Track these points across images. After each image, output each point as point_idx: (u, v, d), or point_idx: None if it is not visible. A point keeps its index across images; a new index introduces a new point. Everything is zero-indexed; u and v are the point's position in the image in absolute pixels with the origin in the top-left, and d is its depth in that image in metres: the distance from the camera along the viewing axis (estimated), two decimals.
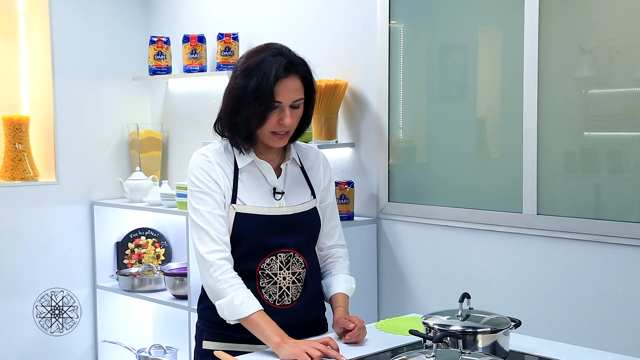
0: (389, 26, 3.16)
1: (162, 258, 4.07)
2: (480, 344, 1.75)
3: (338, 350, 1.85)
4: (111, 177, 4.08)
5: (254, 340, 1.97)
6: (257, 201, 2.02)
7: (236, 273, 1.97)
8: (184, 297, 3.54)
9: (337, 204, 3.13)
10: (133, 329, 4.10)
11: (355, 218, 3.21)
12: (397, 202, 3.17)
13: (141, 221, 4.11)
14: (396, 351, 1.89)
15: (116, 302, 4.04)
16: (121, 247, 4.06)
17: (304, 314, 2.07)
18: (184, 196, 3.36)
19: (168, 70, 3.90)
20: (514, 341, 1.88)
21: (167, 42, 3.89)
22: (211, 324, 2.06)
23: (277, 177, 2.06)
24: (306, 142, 3.25)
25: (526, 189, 2.74)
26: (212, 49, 3.78)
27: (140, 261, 4.01)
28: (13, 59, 3.91)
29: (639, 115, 2.53)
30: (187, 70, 3.75)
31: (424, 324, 1.82)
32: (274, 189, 2.04)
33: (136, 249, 4.04)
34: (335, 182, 3.16)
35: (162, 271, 3.84)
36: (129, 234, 4.07)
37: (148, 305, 4.09)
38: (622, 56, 2.55)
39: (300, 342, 1.85)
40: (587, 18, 2.65)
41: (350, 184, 3.17)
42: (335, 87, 3.19)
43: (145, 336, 4.13)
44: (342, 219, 3.13)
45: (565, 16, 2.67)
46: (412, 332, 1.78)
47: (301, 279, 2.05)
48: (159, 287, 3.80)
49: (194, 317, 3.35)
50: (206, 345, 2.07)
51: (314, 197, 2.10)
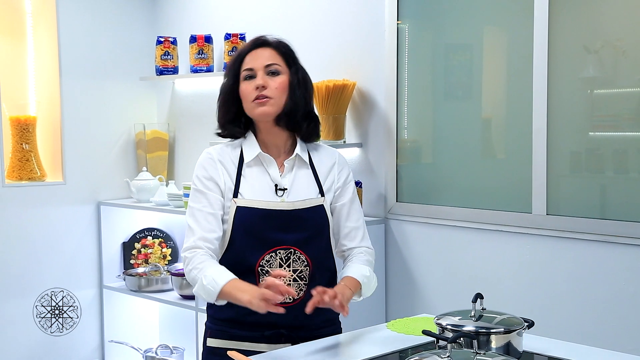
0: (397, 26, 3.15)
1: (169, 258, 4.07)
2: (493, 345, 1.75)
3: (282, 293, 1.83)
4: (118, 177, 4.08)
5: (256, 339, 1.98)
6: (257, 195, 2.02)
7: (208, 256, 1.96)
8: (190, 298, 3.54)
9: None
10: (140, 329, 4.10)
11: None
12: (405, 202, 3.17)
13: (148, 221, 4.11)
14: (408, 351, 1.89)
15: (123, 302, 4.04)
16: (128, 247, 4.06)
17: (311, 315, 1.98)
18: None
19: (175, 71, 3.90)
20: (526, 341, 1.88)
21: (174, 42, 3.89)
22: (215, 320, 2.07)
23: (282, 174, 2.06)
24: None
25: (535, 189, 2.73)
26: (219, 49, 3.78)
27: (147, 261, 4.01)
28: (20, 59, 3.91)
29: None
30: (194, 71, 3.75)
31: (437, 324, 1.81)
32: (276, 185, 2.04)
33: (143, 249, 4.04)
34: None
35: (168, 271, 3.84)
36: (136, 234, 4.07)
37: (154, 305, 4.09)
38: (628, 56, 2.55)
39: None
40: (593, 18, 2.65)
41: (358, 184, 3.17)
42: (343, 87, 3.18)
43: (152, 336, 4.13)
44: None
45: (572, 16, 2.67)
46: (426, 333, 1.78)
47: (304, 277, 2.02)
48: (165, 287, 3.80)
49: (201, 317, 3.34)
50: (210, 342, 2.07)
51: (322, 196, 2.08)
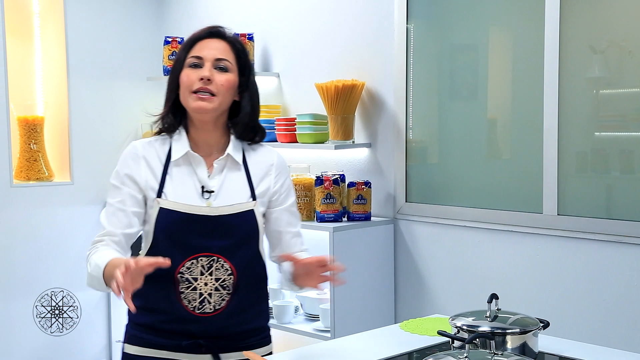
0: (407, 27, 3.15)
1: None
2: (509, 345, 1.74)
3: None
4: None
5: (174, 348, 1.87)
6: (180, 197, 1.87)
7: (100, 247, 1.85)
8: None
9: (354, 204, 3.14)
10: None
11: (372, 218, 3.20)
12: (414, 202, 3.17)
13: None
14: (424, 352, 1.88)
15: None
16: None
17: (234, 325, 1.90)
18: None
19: None
20: (540, 342, 1.87)
21: (182, 42, 3.88)
22: (134, 325, 1.94)
23: (210, 174, 1.91)
24: (322, 143, 3.26)
25: (546, 189, 2.73)
26: None
27: None
28: (28, 60, 3.91)
29: None
30: None
31: (452, 324, 1.81)
32: (203, 187, 1.89)
33: None
34: (352, 183, 3.15)
35: None
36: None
37: None
38: (634, 56, 2.54)
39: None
40: (601, 18, 2.64)
41: (367, 184, 3.16)
42: (352, 87, 3.18)
43: None
44: (359, 219, 3.15)
45: (582, 17, 2.67)
46: (441, 333, 1.78)
47: (227, 286, 1.87)
48: None
49: None
50: (127, 349, 1.94)
51: (254, 200, 1.92)
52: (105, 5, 4.00)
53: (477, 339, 1.73)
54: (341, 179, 3.16)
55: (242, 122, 1.92)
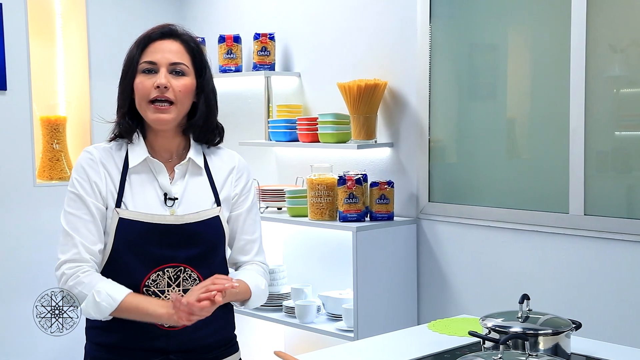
0: (430, 26, 3.14)
1: None
2: (541, 346, 1.73)
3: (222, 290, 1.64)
4: None
5: None
6: (141, 207, 1.77)
7: (93, 271, 1.74)
8: None
9: (377, 204, 3.14)
10: None
11: (395, 218, 3.19)
12: (437, 202, 3.15)
13: None
14: (454, 353, 1.88)
15: None
16: None
17: (202, 337, 1.80)
18: None
19: None
20: (572, 343, 1.86)
21: (203, 42, 3.89)
22: (95, 346, 1.83)
23: (172, 180, 1.82)
24: (344, 142, 3.26)
25: (573, 189, 2.71)
26: (248, 49, 3.78)
27: None
28: (50, 60, 3.93)
29: None
30: (223, 71, 3.76)
31: (483, 325, 1.80)
32: (165, 194, 1.79)
33: None
34: (375, 182, 3.14)
35: None
36: None
37: None
38: None
39: (185, 299, 1.65)
40: (622, 17, 2.62)
41: (390, 184, 3.16)
42: (374, 86, 3.17)
43: None
44: (381, 219, 3.14)
45: (605, 16, 2.65)
46: (472, 334, 1.77)
47: None
48: None
49: None
50: None
51: (218, 205, 1.84)
52: (127, 5, 4.01)
53: (510, 340, 1.72)
54: (364, 178, 3.16)
55: (198, 124, 1.83)
